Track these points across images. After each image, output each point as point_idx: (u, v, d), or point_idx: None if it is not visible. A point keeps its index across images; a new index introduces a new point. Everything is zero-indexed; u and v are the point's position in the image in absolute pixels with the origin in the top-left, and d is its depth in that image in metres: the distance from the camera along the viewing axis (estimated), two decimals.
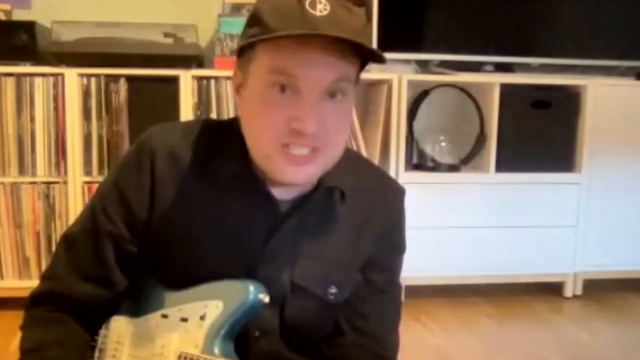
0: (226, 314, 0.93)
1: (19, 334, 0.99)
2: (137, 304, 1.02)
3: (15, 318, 1.02)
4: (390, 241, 1.05)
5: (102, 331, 1.03)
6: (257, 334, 0.98)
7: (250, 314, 0.94)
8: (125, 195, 0.96)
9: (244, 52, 0.90)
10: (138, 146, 0.98)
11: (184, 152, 0.96)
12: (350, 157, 1.03)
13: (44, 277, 1.02)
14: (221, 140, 0.97)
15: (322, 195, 0.97)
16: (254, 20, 0.87)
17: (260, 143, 0.89)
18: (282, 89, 0.85)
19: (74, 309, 0.99)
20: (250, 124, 0.91)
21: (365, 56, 0.89)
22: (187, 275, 0.97)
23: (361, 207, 1.01)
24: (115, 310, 1.03)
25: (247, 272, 0.95)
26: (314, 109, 0.85)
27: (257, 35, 0.85)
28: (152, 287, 1.01)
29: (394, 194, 1.07)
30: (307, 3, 0.83)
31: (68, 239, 1.02)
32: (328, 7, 0.83)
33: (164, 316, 0.98)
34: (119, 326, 1.02)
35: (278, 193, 0.96)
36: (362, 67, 0.91)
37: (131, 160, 0.98)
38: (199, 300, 0.96)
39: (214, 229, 0.95)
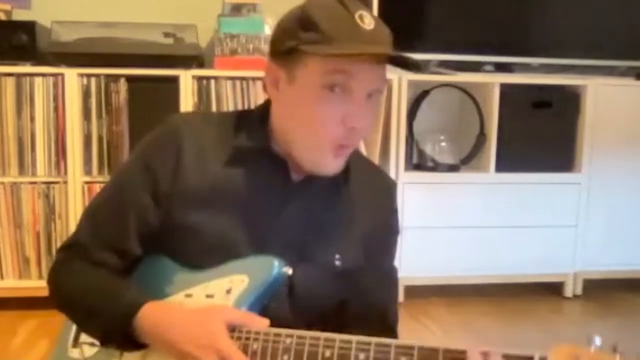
0: (252, 288, 0.96)
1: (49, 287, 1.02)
2: (158, 287, 1.03)
3: (15, 318, 1.02)
4: (387, 225, 1.14)
5: None
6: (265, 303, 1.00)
7: (275, 287, 0.97)
8: (151, 166, 1.02)
9: (291, 51, 0.95)
10: (164, 126, 1.05)
11: (208, 132, 1.04)
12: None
13: (62, 248, 1.06)
14: (244, 122, 1.05)
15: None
16: (309, 25, 0.93)
17: (316, 142, 0.96)
18: (332, 87, 0.93)
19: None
20: (301, 122, 0.97)
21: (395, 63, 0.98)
22: (202, 244, 1.00)
23: (360, 188, 1.10)
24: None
25: (258, 241, 1.00)
26: (364, 106, 0.95)
27: (314, 40, 0.91)
28: (173, 270, 1.03)
29: (389, 184, 1.19)
30: (356, 16, 0.92)
31: (90, 210, 1.08)
32: (372, 22, 0.93)
33: (188, 295, 1.00)
34: None
35: (292, 171, 1.04)
36: None
37: (157, 138, 1.04)
38: (223, 276, 0.98)
39: (230, 201, 1.01)
